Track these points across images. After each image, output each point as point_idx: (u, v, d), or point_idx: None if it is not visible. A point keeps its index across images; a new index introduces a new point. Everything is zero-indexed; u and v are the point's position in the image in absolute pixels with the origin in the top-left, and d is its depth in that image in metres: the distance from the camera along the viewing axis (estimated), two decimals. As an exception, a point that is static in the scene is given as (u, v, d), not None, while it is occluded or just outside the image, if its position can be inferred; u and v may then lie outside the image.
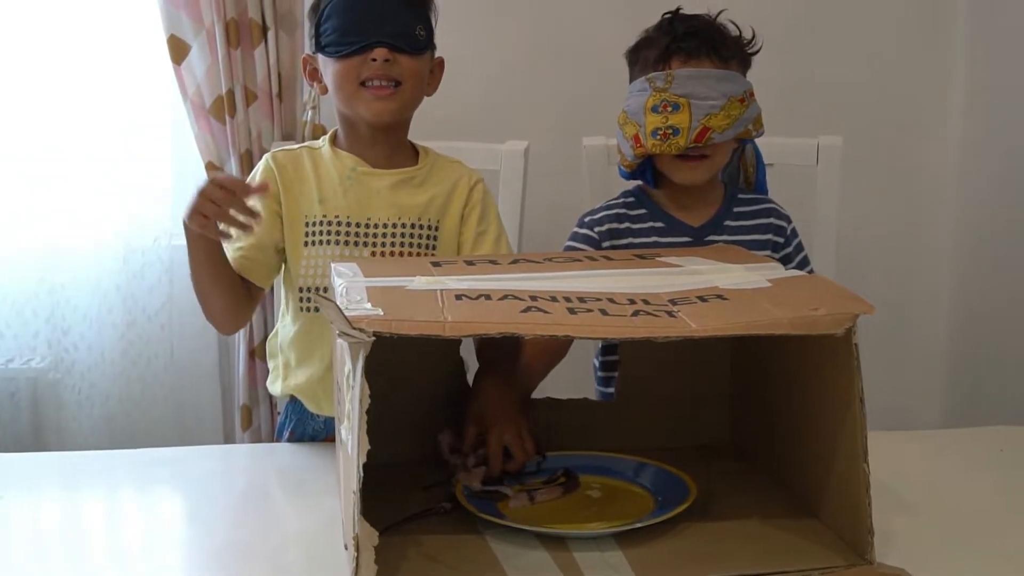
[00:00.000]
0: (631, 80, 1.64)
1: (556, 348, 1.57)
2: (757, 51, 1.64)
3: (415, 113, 1.62)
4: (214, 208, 1.36)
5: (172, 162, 2.37)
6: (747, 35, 1.63)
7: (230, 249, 1.52)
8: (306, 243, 1.55)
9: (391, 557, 1.10)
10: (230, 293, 1.52)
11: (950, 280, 2.62)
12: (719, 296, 1.19)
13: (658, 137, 1.55)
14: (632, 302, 1.16)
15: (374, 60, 1.50)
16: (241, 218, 1.37)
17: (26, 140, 2.31)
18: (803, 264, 1.70)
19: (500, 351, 1.44)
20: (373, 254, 1.54)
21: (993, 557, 1.19)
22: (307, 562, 1.19)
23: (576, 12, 2.46)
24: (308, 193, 1.56)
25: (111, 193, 2.34)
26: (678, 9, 1.64)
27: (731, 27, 1.63)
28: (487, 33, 2.43)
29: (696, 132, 1.53)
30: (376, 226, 1.55)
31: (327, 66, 1.55)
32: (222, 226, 1.39)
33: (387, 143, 1.59)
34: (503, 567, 1.13)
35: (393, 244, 1.55)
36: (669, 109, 1.54)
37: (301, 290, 1.56)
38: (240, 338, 2.28)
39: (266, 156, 1.61)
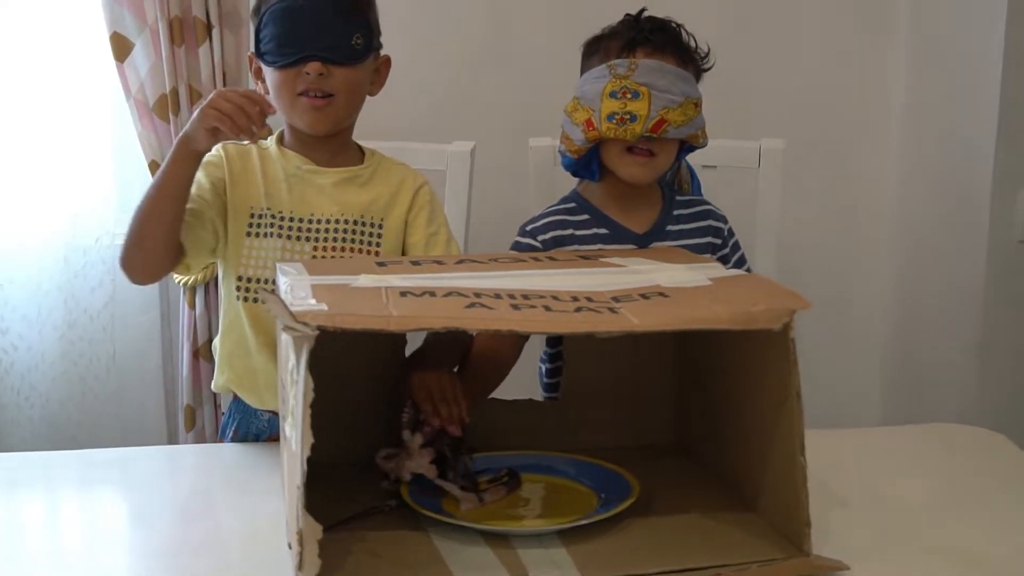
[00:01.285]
0: (584, 71, 1.64)
1: (504, 356, 1.57)
2: (710, 67, 1.65)
3: (363, 110, 1.62)
4: (231, 107, 1.39)
5: (114, 161, 2.34)
6: (703, 49, 1.65)
7: None
8: (248, 233, 1.55)
9: (335, 553, 1.10)
10: (168, 236, 1.49)
11: (889, 280, 2.67)
12: (661, 294, 1.21)
13: (614, 121, 1.54)
14: (575, 299, 1.17)
15: (307, 73, 1.51)
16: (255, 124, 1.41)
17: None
18: (740, 263, 1.72)
19: (440, 353, 1.45)
20: (315, 248, 1.55)
21: (928, 550, 1.22)
22: (251, 562, 1.19)
23: (524, 13, 2.48)
24: (255, 185, 1.57)
25: (53, 192, 2.31)
26: (643, 9, 1.66)
27: (688, 39, 1.65)
28: (434, 33, 2.44)
29: (654, 121, 1.53)
30: (319, 221, 1.56)
31: (267, 72, 1.56)
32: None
33: (330, 145, 1.60)
34: (446, 563, 1.14)
35: (336, 240, 1.56)
36: (628, 95, 1.54)
37: (240, 279, 1.55)
38: (184, 338, 2.26)
39: (218, 146, 1.59)
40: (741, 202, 1.94)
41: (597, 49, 1.63)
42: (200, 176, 1.54)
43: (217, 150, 1.58)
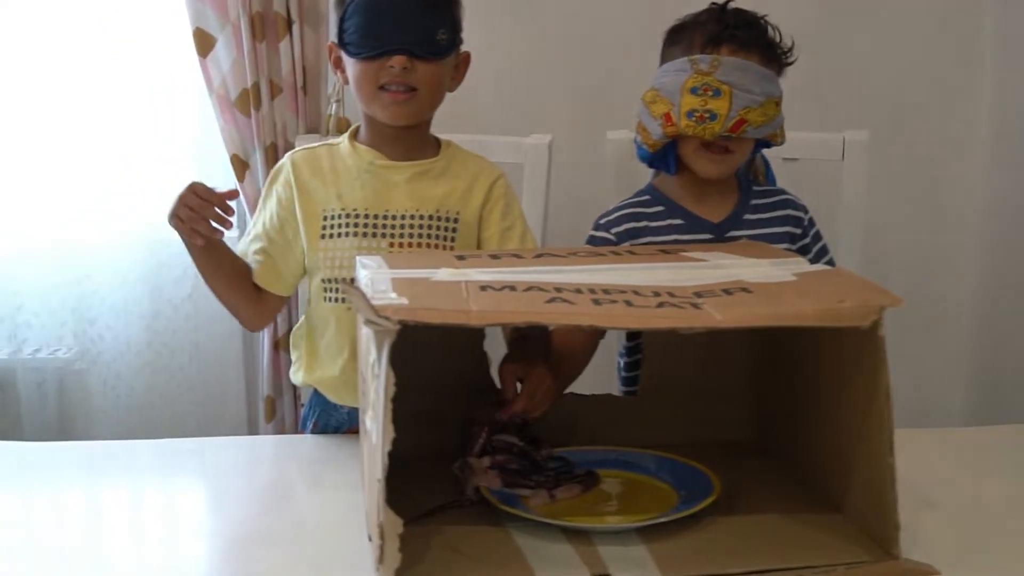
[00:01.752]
0: (664, 60, 1.61)
1: (581, 350, 1.56)
2: (792, 63, 1.62)
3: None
4: (188, 212, 1.43)
5: (197, 155, 2.37)
6: (787, 44, 1.62)
7: (253, 264, 1.59)
8: (323, 236, 1.56)
9: (415, 547, 1.11)
10: (238, 291, 1.58)
11: (976, 276, 2.59)
12: (744, 289, 1.19)
13: (693, 119, 1.52)
14: (657, 294, 1.16)
15: (392, 67, 1.50)
16: (212, 224, 1.45)
17: (54, 134, 2.32)
18: (821, 254, 1.69)
19: (529, 345, 1.44)
20: (391, 245, 1.54)
21: (1019, 556, 1.18)
22: (330, 553, 1.19)
23: (601, 3, 2.45)
24: (325, 189, 1.57)
25: (138, 186, 2.35)
26: (729, 0, 1.63)
27: (772, 33, 1.62)
28: (511, 26, 2.42)
29: (733, 121, 1.51)
30: (394, 217, 1.55)
31: (348, 62, 1.56)
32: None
33: (407, 139, 1.59)
34: (527, 559, 1.13)
35: (412, 235, 1.55)
36: (710, 93, 1.52)
37: (323, 280, 1.56)
38: (264, 330, 2.28)
39: (285, 157, 1.63)
40: (824, 196, 1.89)
41: (680, 39, 1.60)
42: (272, 208, 1.60)
43: (285, 162, 1.61)
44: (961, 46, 2.53)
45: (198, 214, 1.43)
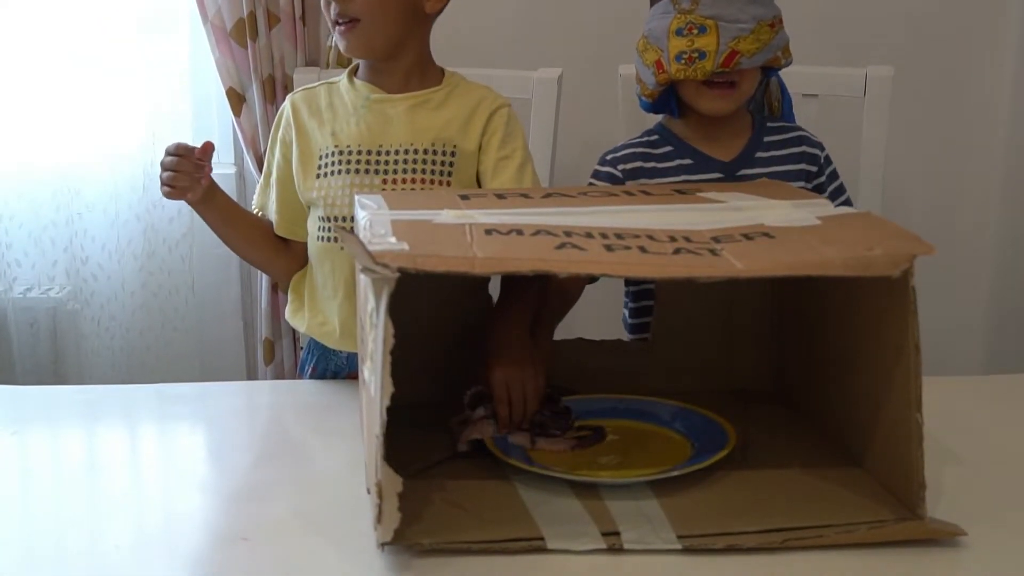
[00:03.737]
0: (653, 3, 1.56)
1: (573, 284, 1.50)
2: None
3: (444, 36, 1.55)
4: (168, 175, 1.45)
5: (192, 88, 2.31)
6: None
7: (273, 216, 1.59)
8: (318, 175, 1.51)
9: (415, 503, 1.06)
10: (263, 248, 1.59)
11: (999, 218, 2.53)
12: (765, 234, 1.12)
13: (683, 62, 1.47)
14: (673, 239, 1.09)
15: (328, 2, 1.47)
16: (194, 175, 1.46)
17: (44, 67, 2.26)
18: (838, 192, 1.63)
19: (519, 284, 1.38)
20: (384, 181, 1.49)
21: (1049, 512, 1.13)
22: (329, 504, 1.16)
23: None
24: (321, 128, 1.53)
25: (130, 119, 2.29)
26: None
27: None
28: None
29: (724, 56, 1.46)
30: (388, 153, 1.49)
31: None
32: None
33: (400, 69, 1.52)
34: (532, 515, 1.09)
35: (406, 171, 1.49)
36: (695, 31, 1.47)
37: (319, 219, 1.52)
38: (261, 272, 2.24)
39: (287, 99, 1.59)
40: (845, 133, 1.84)
41: None
42: (279, 154, 1.57)
43: (285, 104, 1.58)
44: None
45: (178, 172, 1.45)
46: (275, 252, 1.59)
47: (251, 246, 1.59)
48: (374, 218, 1.16)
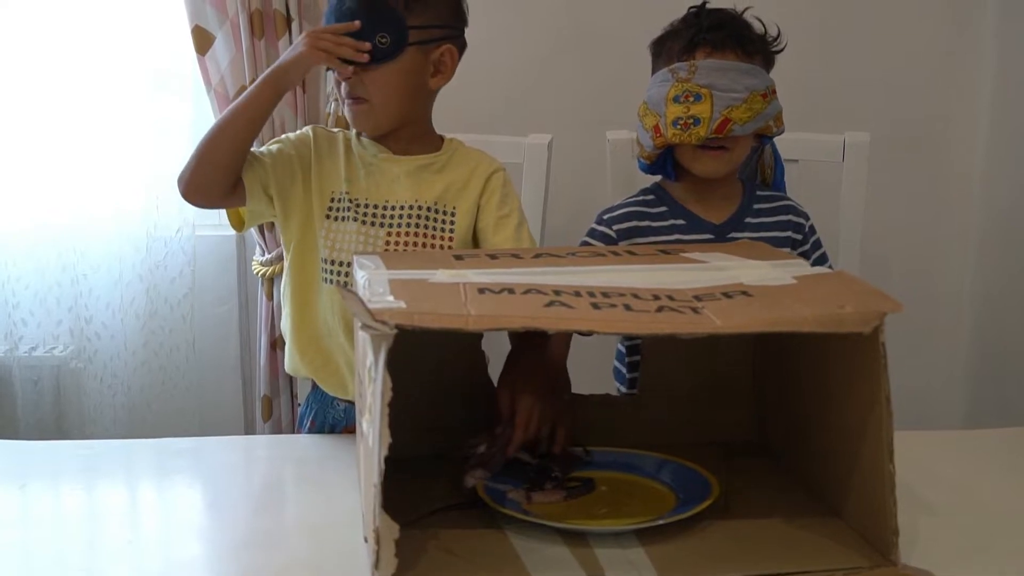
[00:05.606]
0: (653, 72, 1.63)
1: (560, 355, 1.54)
2: (781, 49, 1.63)
3: (438, 103, 1.62)
4: (330, 44, 1.48)
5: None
6: (772, 33, 1.62)
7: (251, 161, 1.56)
8: (328, 216, 1.56)
9: (410, 550, 1.10)
10: (232, 156, 1.51)
11: (974, 279, 2.58)
12: (744, 293, 1.18)
13: (679, 127, 1.54)
14: (656, 298, 1.15)
15: (340, 79, 1.54)
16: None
17: (50, 133, 2.31)
18: (821, 261, 1.69)
19: (525, 358, 1.43)
20: (389, 234, 1.54)
21: (1018, 559, 1.18)
22: (326, 554, 1.19)
23: (600, 3, 2.45)
24: (337, 169, 1.58)
25: (134, 183, 2.34)
26: (705, 3, 1.63)
27: (757, 24, 1.62)
28: (510, 24, 2.41)
29: (717, 123, 1.53)
30: (393, 208, 1.56)
31: None
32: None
33: (404, 136, 1.59)
34: (523, 562, 1.13)
35: (409, 226, 1.55)
36: (691, 99, 1.53)
37: (323, 261, 1.56)
38: (261, 328, 2.28)
39: (308, 127, 1.63)
40: (824, 197, 1.89)
41: (661, 51, 1.63)
42: (284, 146, 1.59)
43: (307, 129, 1.62)
44: (963, 48, 2.52)
45: (338, 41, 1.48)
46: (236, 160, 1.52)
47: (243, 141, 1.52)
48: (372, 277, 1.22)
